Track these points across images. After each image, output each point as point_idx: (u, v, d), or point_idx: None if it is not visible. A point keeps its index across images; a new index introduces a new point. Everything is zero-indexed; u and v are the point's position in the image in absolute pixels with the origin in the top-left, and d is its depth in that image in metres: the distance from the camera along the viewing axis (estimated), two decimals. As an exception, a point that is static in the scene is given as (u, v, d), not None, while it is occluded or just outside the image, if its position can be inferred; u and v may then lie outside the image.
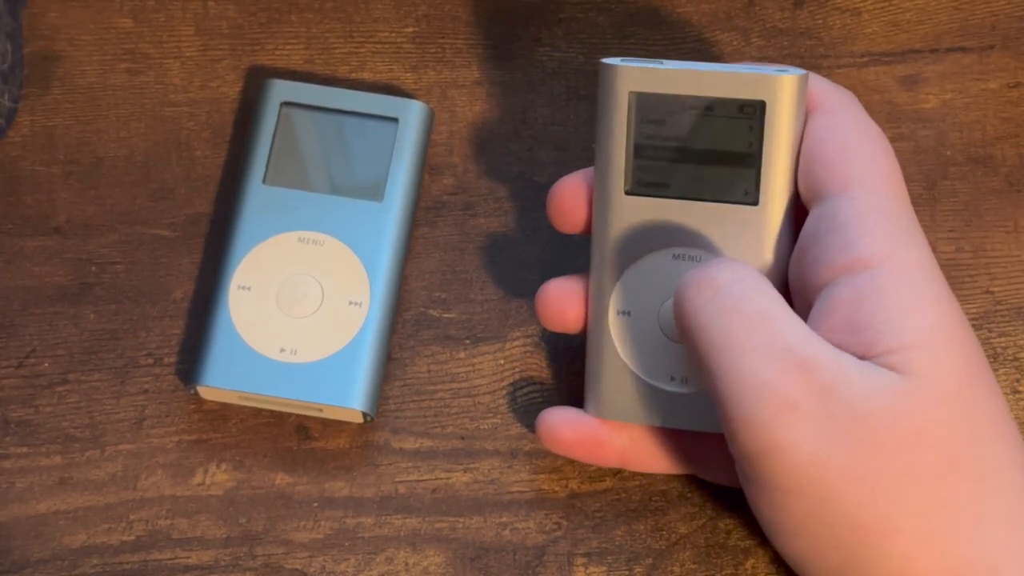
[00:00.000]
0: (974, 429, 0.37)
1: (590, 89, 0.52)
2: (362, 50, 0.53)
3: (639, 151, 0.43)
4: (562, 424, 0.45)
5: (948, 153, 0.52)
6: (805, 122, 0.42)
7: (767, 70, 0.41)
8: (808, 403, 0.37)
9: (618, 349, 0.44)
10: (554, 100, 0.52)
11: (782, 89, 0.41)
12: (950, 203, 0.51)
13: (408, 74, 0.52)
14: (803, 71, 0.42)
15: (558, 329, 0.46)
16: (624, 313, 0.44)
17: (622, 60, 0.42)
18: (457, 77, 0.52)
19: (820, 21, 0.53)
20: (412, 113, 0.50)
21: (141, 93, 0.52)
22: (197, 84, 0.52)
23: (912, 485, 0.36)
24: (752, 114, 0.41)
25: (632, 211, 0.43)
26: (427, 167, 0.51)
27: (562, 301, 0.45)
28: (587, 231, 0.45)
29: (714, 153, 0.42)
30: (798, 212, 0.42)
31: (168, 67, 0.52)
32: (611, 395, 0.45)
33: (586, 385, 0.45)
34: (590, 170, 0.44)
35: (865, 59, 0.53)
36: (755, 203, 0.42)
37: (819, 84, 0.43)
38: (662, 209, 0.43)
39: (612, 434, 0.45)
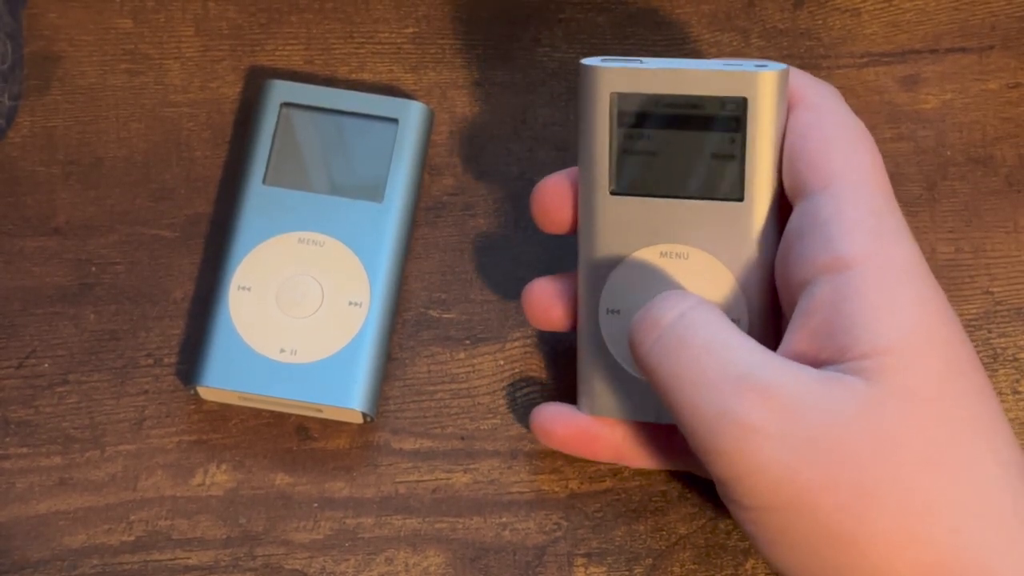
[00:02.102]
0: (954, 428, 0.37)
1: (590, 89, 0.52)
2: (362, 51, 0.53)
3: (622, 151, 0.43)
4: (555, 419, 0.46)
5: (948, 153, 0.52)
6: (787, 118, 0.42)
7: (748, 66, 0.41)
8: (770, 424, 0.37)
9: (609, 347, 0.44)
10: (554, 100, 0.52)
11: (763, 85, 0.41)
12: (950, 203, 0.51)
13: (408, 75, 0.52)
14: (784, 66, 0.42)
15: (545, 327, 0.46)
16: (613, 312, 0.44)
17: (602, 60, 0.42)
18: (457, 78, 0.52)
19: (820, 21, 0.53)
20: (412, 114, 0.50)
21: (141, 94, 0.52)
22: (197, 85, 0.52)
23: (886, 488, 0.36)
24: (734, 110, 0.41)
25: (618, 211, 0.43)
26: (427, 167, 0.51)
27: (547, 300, 0.46)
28: (572, 231, 0.45)
29: (697, 150, 0.42)
30: (783, 208, 0.42)
31: (168, 68, 0.52)
32: (603, 392, 0.45)
33: (578, 383, 0.45)
34: (573, 170, 0.44)
35: (865, 59, 0.53)
36: (740, 199, 0.42)
37: (800, 79, 0.43)
38: (648, 208, 0.43)
39: (605, 429, 0.45)
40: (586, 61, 0.42)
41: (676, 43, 0.53)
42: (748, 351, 0.38)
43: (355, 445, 0.48)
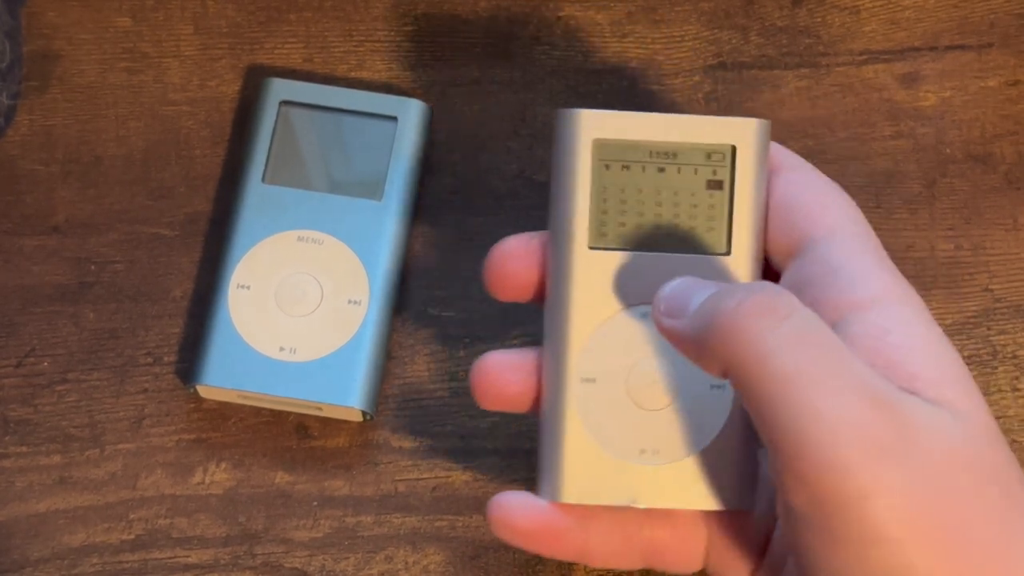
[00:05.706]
0: (1013, 463, 0.36)
1: (589, 87, 0.52)
2: (361, 49, 0.53)
3: (602, 202, 0.40)
4: (515, 510, 0.40)
5: (947, 151, 0.52)
6: (769, 181, 0.41)
7: (730, 118, 0.40)
8: (894, 444, 0.34)
9: (581, 420, 0.40)
10: (553, 98, 0.52)
11: (750, 133, 0.40)
12: (949, 201, 0.51)
13: (407, 73, 0.52)
14: (766, 120, 0.41)
15: (499, 407, 0.42)
16: (588, 380, 0.40)
17: (581, 109, 0.40)
18: (456, 76, 0.52)
19: (819, 19, 0.53)
20: (411, 112, 0.50)
21: (140, 92, 0.52)
22: (196, 83, 0.52)
23: (987, 530, 0.34)
24: (720, 160, 0.40)
25: (597, 267, 0.40)
26: (426, 166, 0.51)
27: (505, 375, 0.41)
28: (534, 298, 0.42)
29: (682, 201, 0.40)
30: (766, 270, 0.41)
31: (167, 66, 0.52)
32: (572, 474, 0.40)
33: (539, 466, 0.41)
34: (536, 233, 0.41)
35: (864, 57, 0.53)
36: (726, 252, 0.40)
37: (776, 147, 0.42)
38: (629, 263, 0.40)
39: (573, 523, 0.40)
40: (564, 109, 0.40)
41: (674, 41, 0.53)
42: (864, 363, 0.36)
43: (354, 443, 0.48)
